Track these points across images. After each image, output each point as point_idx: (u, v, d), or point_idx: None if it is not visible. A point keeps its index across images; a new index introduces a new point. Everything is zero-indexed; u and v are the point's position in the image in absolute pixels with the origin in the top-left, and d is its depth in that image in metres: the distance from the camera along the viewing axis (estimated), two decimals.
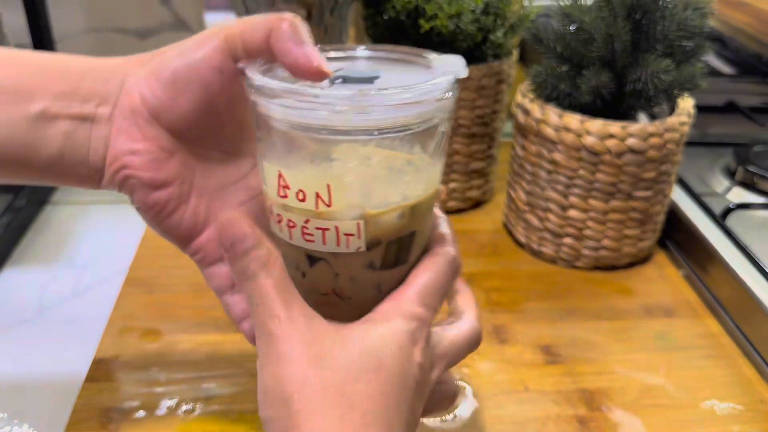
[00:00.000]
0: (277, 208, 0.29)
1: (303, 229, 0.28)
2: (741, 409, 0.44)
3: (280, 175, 0.28)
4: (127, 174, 0.32)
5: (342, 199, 0.28)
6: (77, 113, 0.31)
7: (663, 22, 0.51)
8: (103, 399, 0.43)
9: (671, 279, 0.58)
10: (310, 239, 0.29)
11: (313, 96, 0.26)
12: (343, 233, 0.28)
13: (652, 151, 0.52)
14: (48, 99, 0.31)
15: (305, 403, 0.26)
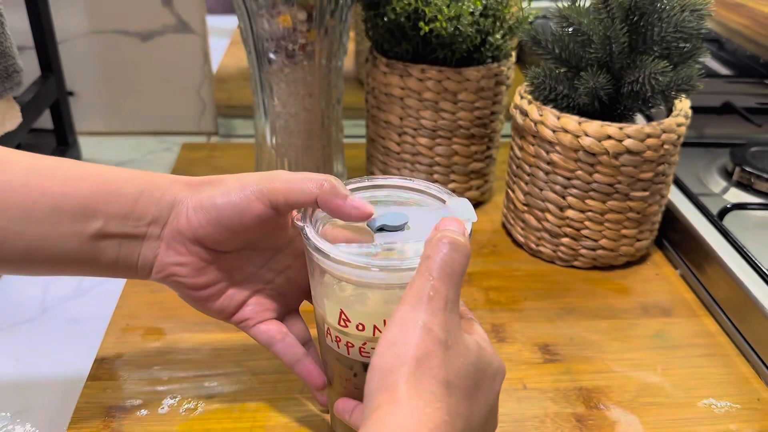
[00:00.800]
0: (336, 332, 0.36)
1: (360, 349, 0.35)
2: (738, 407, 0.44)
3: (341, 312, 0.34)
4: (174, 280, 0.37)
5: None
6: (132, 231, 0.36)
7: (660, 24, 0.51)
8: (105, 397, 0.43)
9: (668, 278, 0.58)
10: (366, 355, 0.35)
11: (361, 265, 0.32)
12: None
13: (650, 152, 0.53)
14: (106, 218, 0.35)
15: (421, 369, 0.27)
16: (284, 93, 0.60)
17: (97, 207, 0.35)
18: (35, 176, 0.34)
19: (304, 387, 0.45)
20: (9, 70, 0.56)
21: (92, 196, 0.35)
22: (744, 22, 0.97)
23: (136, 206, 0.36)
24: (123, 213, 0.35)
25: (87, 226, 0.35)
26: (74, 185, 0.35)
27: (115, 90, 0.82)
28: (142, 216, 0.36)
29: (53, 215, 0.34)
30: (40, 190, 0.34)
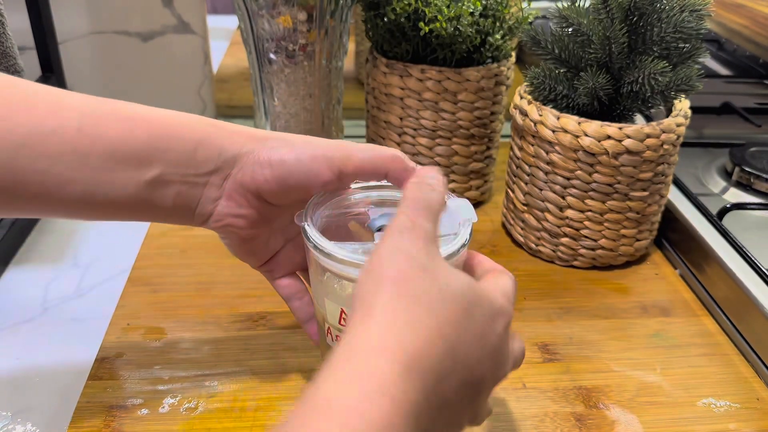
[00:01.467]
0: (336, 331, 0.37)
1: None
2: (737, 407, 0.45)
3: (342, 311, 0.35)
4: (230, 230, 0.38)
5: None
6: (191, 180, 0.35)
7: (659, 25, 0.51)
8: (106, 397, 0.43)
9: (668, 278, 0.58)
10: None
11: (362, 264, 0.32)
12: None
13: (649, 152, 0.53)
14: (164, 165, 0.34)
15: (394, 288, 0.26)
16: (284, 93, 0.60)
17: (155, 154, 0.33)
18: (90, 120, 0.33)
19: (304, 386, 0.45)
20: (10, 70, 0.56)
21: (149, 142, 0.33)
22: (743, 23, 0.98)
23: (196, 155, 0.34)
24: (182, 161, 0.34)
25: (144, 173, 0.33)
26: (130, 130, 0.33)
27: (115, 90, 0.82)
28: (203, 165, 0.35)
29: (109, 161, 0.33)
30: (94, 135, 0.32)
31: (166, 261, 0.57)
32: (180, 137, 0.34)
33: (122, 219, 0.36)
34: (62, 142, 0.32)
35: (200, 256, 0.58)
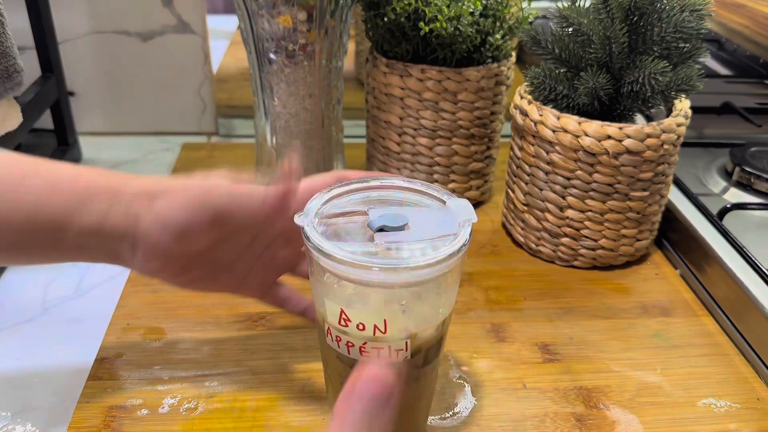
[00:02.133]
0: (336, 331, 0.35)
1: (361, 348, 0.35)
2: (738, 407, 0.45)
3: (342, 311, 0.34)
4: (161, 278, 0.39)
5: (395, 327, 0.34)
6: (106, 244, 0.37)
7: (660, 24, 0.51)
8: (106, 397, 0.43)
9: (668, 278, 0.58)
10: (366, 354, 0.35)
11: (362, 264, 0.32)
12: (394, 350, 0.35)
13: (649, 152, 0.53)
14: (79, 231, 0.36)
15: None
16: (284, 93, 0.60)
17: (71, 221, 0.36)
18: (7, 185, 0.35)
19: (305, 386, 0.45)
20: (10, 70, 0.56)
21: (65, 210, 0.36)
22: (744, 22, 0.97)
23: (106, 221, 0.36)
24: (94, 228, 0.36)
25: (63, 235, 0.36)
26: (47, 198, 0.35)
27: (115, 90, 0.82)
28: (113, 230, 0.37)
29: (29, 225, 0.35)
30: (13, 200, 0.35)
31: None
32: (92, 203, 0.36)
33: (52, 263, 0.38)
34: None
35: None
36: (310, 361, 0.47)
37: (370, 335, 0.35)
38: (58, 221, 0.35)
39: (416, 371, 0.37)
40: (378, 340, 0.34)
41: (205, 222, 0.37)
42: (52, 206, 0.35)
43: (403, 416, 0.39)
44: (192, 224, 0.37)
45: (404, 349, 0.35)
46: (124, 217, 0.36)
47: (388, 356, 0.35)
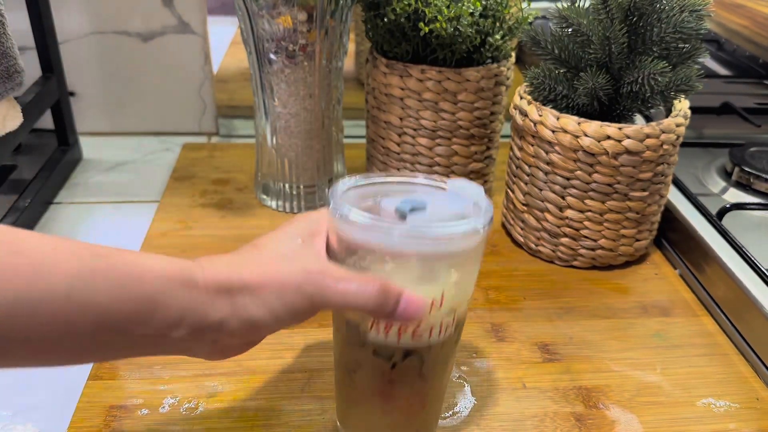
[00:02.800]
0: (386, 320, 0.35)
1: (414, 331, 0.35)
2: (737, 406, 0.45)
3: None
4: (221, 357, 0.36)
5: (449, 300, 0.34)
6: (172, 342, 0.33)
7: (659, 25, 0.51)
8: (106, 396, 0.43)
9: (667, 278, 0.58)
10: (418, 336, 0.35)
11: (430, 237, 0.32)
12: (444, 326, 0.35)
13: (649, 152, 0.53)
14: (140, 338, 0.32)
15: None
16: (284, 93, 0.60)
17: (135, 327, 0.31)
18: (78, 285, 0.29)
19: (305, 386, 0.45)
20: (10, 70, 0.56)
21: (135, 315, 0.31)
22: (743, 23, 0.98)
23: (179, 328, 0.32)
24: (155, 339, 0.32)
25: (124, 337, 0.31)
26: (117, 298, 0.30)
27: (115, 90, 0.82)
28: (176, 343, 0.32)
29: (95, 330, 0.30)
30: (83, 302, 0.29)
31: None
32: (158, 311, 0.31)
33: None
34: (48, 309, 0.28)
35: (200, 256, 0.58)
36: (311, 360, 0.47)
37: (427, 312, 0.34)
38: (124, 324, 0.31)
39: (453, 349, 0.38)
40: (430, 319, 0.34)
41: (300, 317, 0.33)
42: (122, 310, 0.30)
43: (427, 407, 0.39)
44: (287, 322, 0.33)
45: (451, 324, 0.36)
46: (203, 320, 0.32)
47: (438, 333, 0.35)
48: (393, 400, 0.38)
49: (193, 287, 0.32)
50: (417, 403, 0.39)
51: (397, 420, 0.39)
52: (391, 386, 0.37)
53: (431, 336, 0.35)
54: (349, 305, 0.33)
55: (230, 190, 0.69)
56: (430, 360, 0.36)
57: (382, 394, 0.38)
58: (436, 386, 0.39)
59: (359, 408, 0.40)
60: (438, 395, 0.40)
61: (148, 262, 0.32)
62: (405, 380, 0.37)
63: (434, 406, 0.40)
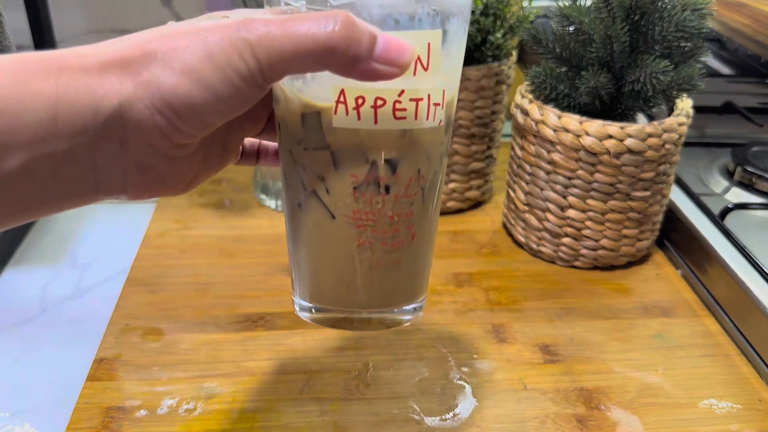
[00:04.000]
0: (358, 91, 0.26)
1: (395, 105, 0.27)
2: (739, 408, 0.44)
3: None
4: (156, 192, 0.29)
5: (436, 61, 0.27)
6: (68, 159, 0.24)
7: (661, 23, 0.51)
8: (104, 398, 0.43)
9: (669, 279, 0.58)
10: (401, 116, 0.27)
11: None
12: (432, 103, 0.28)
13: (651, 152, 0.52)
14: (24, 151, 0.23)
15: None
16: None
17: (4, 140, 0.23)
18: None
19: (304, 388, 0.45)
20: None
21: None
22: (746, 22, 0.97)
23: (50, 143, 0.23)
24: (41, 138, 0.23)
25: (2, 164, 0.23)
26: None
27: None
28: (73, 137, 0.24)
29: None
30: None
31: (165, 261, 0.57)
32: (19, 105, 0.23)
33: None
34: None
35: (199, 257, 0.58)
36: (310, 362, 0.47)
37: (411, 75, 0.26)
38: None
39: (438, 149, 0.30)
40: (414, 92, 0.27)
41: (241, 90, 0.25)
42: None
43: (416, 241, 0.32)
44: (223, 99, 0.24)
45: (441, 103, 0.28)
46: (90, 108, 0.23)
47: (425, 114, 0.27)
48: (367, 231, 0.30)
49: (64, 70, 0.24)
50: (401, 233, 0.31)
51: (371, 261, 0.31)
52: (365, 209, 0.30)
53: (417, 117, 0.27)
54: (305, 49, 0.24)
55: (229, 189, 0.69)
56: (415, 161, 0.29)
57: (354, 222, 0.30)
58: (427, 205, 0.31)
59: (317, 252, 0.32)
60: (429, 225, 0.32)
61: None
62: (384, 197, 0.29)
63: (424, 241, 0.32)
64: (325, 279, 0.33)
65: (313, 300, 0.34)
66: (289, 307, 0.52)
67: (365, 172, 0.29)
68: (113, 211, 0.67)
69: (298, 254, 0.33)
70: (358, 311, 0.34)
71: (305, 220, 0.32)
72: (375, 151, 0.29)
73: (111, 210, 0.67)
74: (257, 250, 0.59)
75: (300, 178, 0.31)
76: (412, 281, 0.34)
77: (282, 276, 0.56)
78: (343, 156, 0.29)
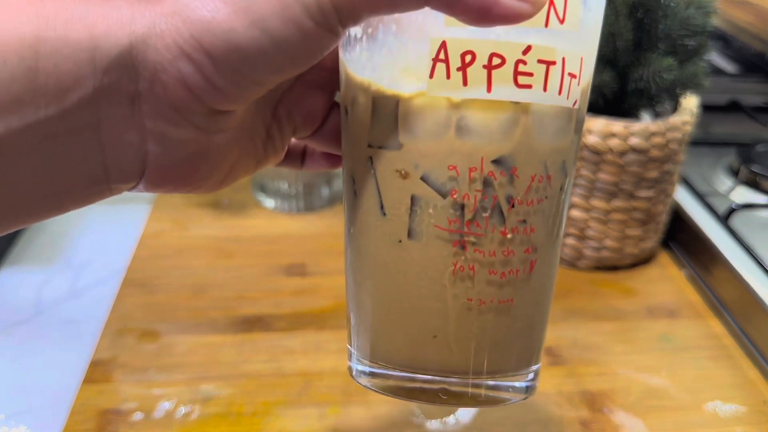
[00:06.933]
0: (465, 44, 0.19)
1: (517, 66, 0.19)
2: (744, 410, 0.44)
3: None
4: (182, 184, 0.23)
5: (574, 13, 0.20)
6: (60, 126, 0.18)
7: (665, 21, 0.50)
8: (100, 401, 0.42)
9: (674, 279, 0.57)
10: (525, 82, 0.19)
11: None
12: (567, 72, 0.20)
13: (655, 151, 0.52)
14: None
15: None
16: None
17: None
18: None
19: (302, 391, 0.44)
20: None
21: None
22: (750, 19, 0.97)
23: (39, 80, 0.17)
24: (26, 99, 0.17)
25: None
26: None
27: None
28: (68, 93, 0.17)
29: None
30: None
31: (162, 262, 0.56)
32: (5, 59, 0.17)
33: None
34: None
35: (196, 258, 0.57)
36: (308, 364, 0.46)
37: (541, 25, 0.19)
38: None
39: (572, 149, 0.23)
40: (545, 51, 0.20)
41: (306, 36, 0.18)
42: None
43: (534, 274, 0.23)
44: (281, 47, 0.18)
45: (577, 75, 0.21)
46: (87, 54, 0.17)
47: (558, 86, 0.20)
48: (467, 251, 0.22)
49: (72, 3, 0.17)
50: (517, 259, 0.22)
51: (471, 296, 0.22)
52: (467, 219, 0.21)
53: (547, 87, 0.20)
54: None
55: (226, 188, 0.69)
56: (541, 152, 0.21)
57: (448, 237, 0.21)
58: (553, 223, 0.23)
59: (390, 283, 0.23)
60: (552, 252, 0.24)
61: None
62: (492, 222, 0.21)
63: (545, 276, 0.24)
64: (400, 324, 0.23)
65: (377, 357, 0.24)
66: (288, 308, 0.52)
67: (467, 164, 0.21)
68: (109, 210, 0.66)
69: (361, 289, 0.24)
70: (446, 376, 0.23)
71: (373, 237, 0.23)
72: (485, 133, 0.21)
73: (106, 210, 0.66)
74: (255, 251, 0.58)
75: (374, 182, 0.22)
76: (529, 334, 0.24)
77: (281, 277, 0.55)
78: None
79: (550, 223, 0.23)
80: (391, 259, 0.23)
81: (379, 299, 0.24)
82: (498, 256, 0.22)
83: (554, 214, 0.23)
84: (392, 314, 0.23)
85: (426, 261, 0.22)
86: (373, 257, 0.23)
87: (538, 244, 0.23)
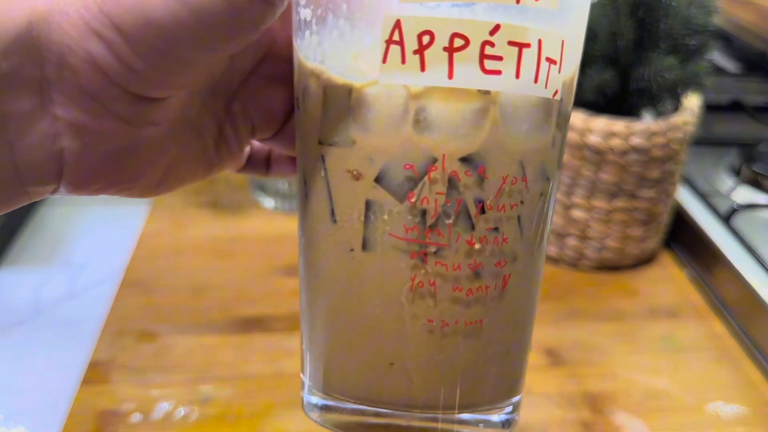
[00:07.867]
0: (423, 23, 0.17)
1: (483, 49, 0.17)
2: (746, 411, 0.44)
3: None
4: (94, 186, 0.21)
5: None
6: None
7: (667, 20, 0.50)
8: (99, 402, 0.42)
9: (676, 280, 0.57)
10: (493, 68, 0.17)
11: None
12: (545, 57, 0.18)
13: (656, 150, 0.52)
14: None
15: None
16: None
17: None
18: None
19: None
20: None
21: None
22: (752, 19, 0.96)
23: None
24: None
25: None
26: None
27: None
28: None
29: None
30: None
31: (160, 262, 0.56)
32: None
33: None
34: None
35: (194, 258, 0.57)
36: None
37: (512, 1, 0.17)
38: None
39: (554, 154, 0.20)
40: (516, 31, 0.17)
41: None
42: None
43: (509, 290, 0.20)
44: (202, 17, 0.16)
45: (557, 61, 0.18)
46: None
47: (534, 73, 0.18)
48: (428, 263, 0.19)
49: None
50: (486, 273, 0.19)
51: (433, 318, 0.20)
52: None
53: (519, 73, 0.18)
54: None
55: (225, 188, 0.68)
56: (513, 150, 0.19)
57: (406, 248, 0.19)
58: (531, 232, 0.20)
59: (340, 302, 0.21)
60: (531, 265, 0.21)
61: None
62: (456, 230, 0.19)
63: (523, 292, 0.21)
64: (355, 349, 0.21)
65: (330, 388, 0.22)
66: (287, 309, 0.51)
67: (427, 163, 0.18)
68: (107, 211, 0.66)
69: (313, 308, 0.21)
70: (408, 411, 0.20)
71: (324, 247, 0.20)
72: (447, 127, 0.18)
73: (105, 210, 0.66)
74: (254, 251, 0.58)
75: (325, 185, 0.20)
76: (505, 360, 0.22)
77: (280, 277, 0.55)
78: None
79: (528, 232, 0.20)
80: (342, 273, 0.20)
81: (332, 320, 0.21)
82: (464, 270, 0.19)
83: (533, 221, 0.20)
84: (346, 337, 0.21)
85: (381, 275, 0.19)
86: (324, 271, 0.20)
87: (512, 255, 0.20)
